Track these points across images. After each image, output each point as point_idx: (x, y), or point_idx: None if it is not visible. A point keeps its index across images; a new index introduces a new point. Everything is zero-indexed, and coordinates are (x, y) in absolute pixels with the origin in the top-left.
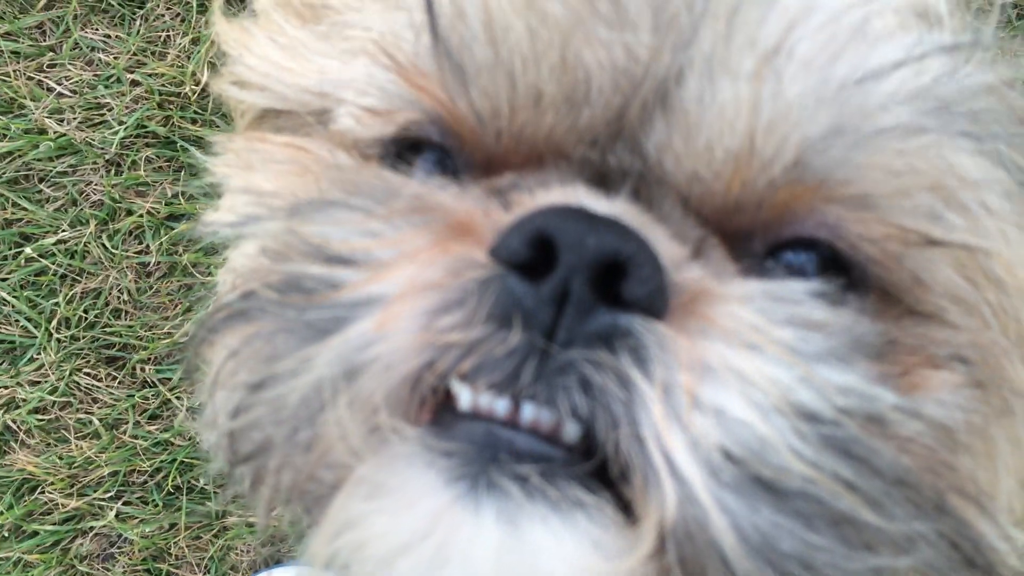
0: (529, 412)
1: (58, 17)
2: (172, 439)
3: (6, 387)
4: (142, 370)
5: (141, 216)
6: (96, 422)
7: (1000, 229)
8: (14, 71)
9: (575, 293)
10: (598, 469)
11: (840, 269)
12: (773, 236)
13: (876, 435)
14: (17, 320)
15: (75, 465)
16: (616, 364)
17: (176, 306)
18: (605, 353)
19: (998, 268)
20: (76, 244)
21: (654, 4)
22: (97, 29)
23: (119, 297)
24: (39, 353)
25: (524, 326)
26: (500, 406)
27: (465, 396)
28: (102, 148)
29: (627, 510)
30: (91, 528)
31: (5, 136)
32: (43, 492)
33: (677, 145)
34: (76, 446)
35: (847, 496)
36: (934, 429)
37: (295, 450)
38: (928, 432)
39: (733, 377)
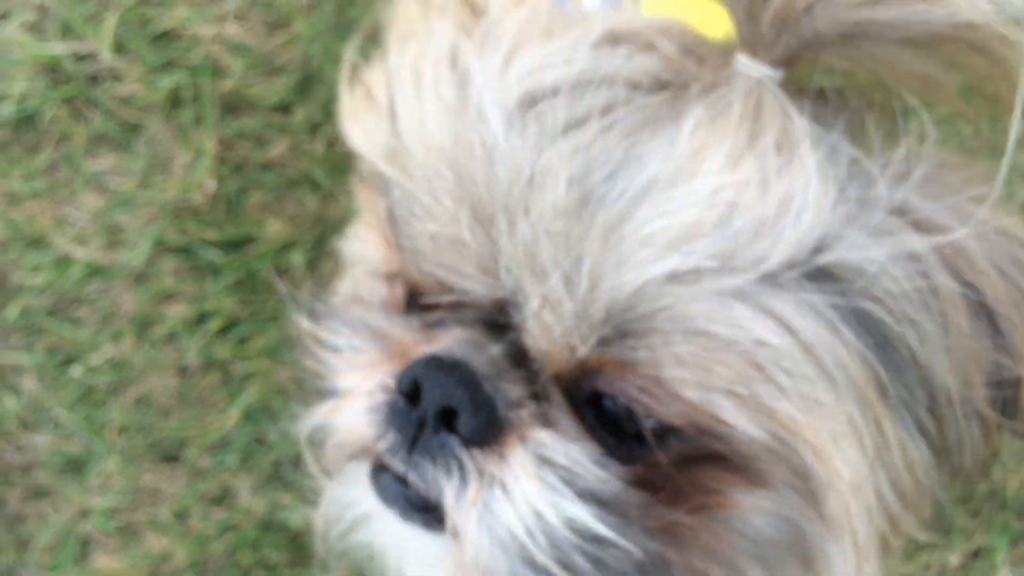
0: (412, 476)
1: (67, 153)
2: (238, 520)
3: (74, 499)
4: (199, 461)
5: (174, 322)
6: (166, 516)
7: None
8: (38, 210)
9: (428, 423)
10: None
11: None
12: (589, 387)
13: (606, 547)
14: (75, 436)
15: (153, 559)
16: (440, 471)
17: (217, 398)
18: (436, 462)
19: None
20: (118, 357)
21: (482, 252)
22: (104, 158)
23: (165, 399)
24: (103, 463)
25: (401, 435)
26: (400, 470)
27: (386, 458)
28: (126, 266)
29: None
30: None
31: (37, 270)
32: None
33: (531, 324)
34: (155, 540)
35: None
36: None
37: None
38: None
39: (505, 494)
